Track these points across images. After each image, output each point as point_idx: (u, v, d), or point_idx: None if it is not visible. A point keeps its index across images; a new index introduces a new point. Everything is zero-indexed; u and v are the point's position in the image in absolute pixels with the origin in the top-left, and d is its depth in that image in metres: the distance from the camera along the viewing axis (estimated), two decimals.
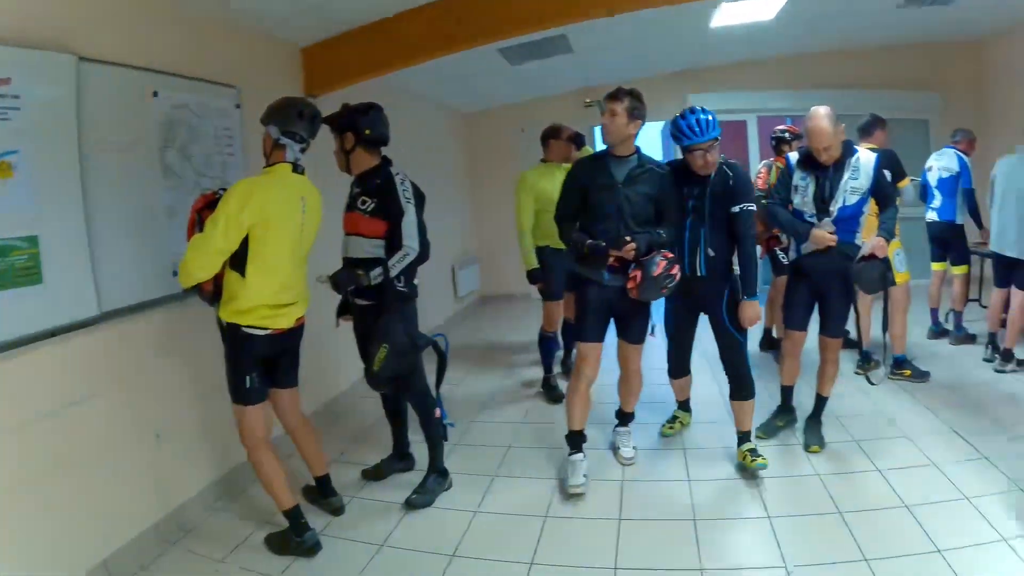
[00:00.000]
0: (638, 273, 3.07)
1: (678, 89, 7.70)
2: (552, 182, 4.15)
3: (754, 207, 3.31)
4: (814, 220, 3.41)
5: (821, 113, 3.27)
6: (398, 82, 5.31)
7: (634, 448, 3.60)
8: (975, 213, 5.33)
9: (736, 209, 3.21)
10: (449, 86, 6.40)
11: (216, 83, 3.38)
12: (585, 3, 3.68)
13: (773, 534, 2.80)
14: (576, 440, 3.32)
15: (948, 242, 5.39)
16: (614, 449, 3.63)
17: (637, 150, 3.24)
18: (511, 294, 8.17)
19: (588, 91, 7.58)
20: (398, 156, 5.19)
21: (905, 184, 4.52)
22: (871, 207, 3.56)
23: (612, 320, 3.35)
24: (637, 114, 3.16)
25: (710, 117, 3.14)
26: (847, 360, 4.87)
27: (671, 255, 3.13)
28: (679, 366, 3.71)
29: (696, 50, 6.84)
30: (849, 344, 4.89)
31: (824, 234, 3.33)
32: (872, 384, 3.64)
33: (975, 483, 3.12)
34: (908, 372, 4.55)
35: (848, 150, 3.37)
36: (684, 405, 3.94)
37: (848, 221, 3.41)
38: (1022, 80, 7.01)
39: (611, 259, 3.11)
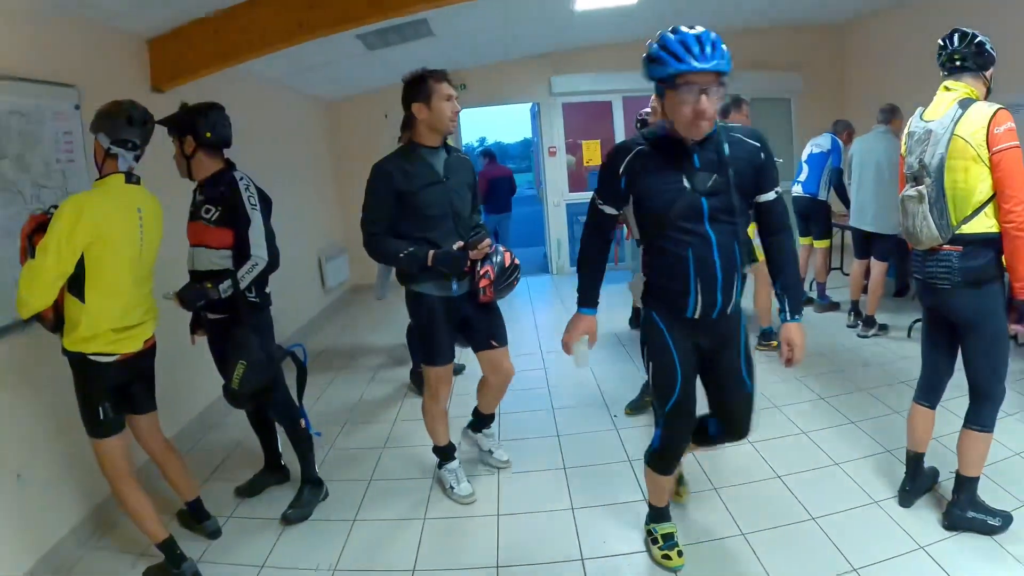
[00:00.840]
0: (490, 269, 2.83)
1: (543, 71, 7.81)
2: None
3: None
4: None
5: None
6: (255, 71, 5.05)
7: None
8: (841, 190, 5.65)
9: (772, 196, 2.22)
10: (307, 73, 6.13)
11: (52, 83, 3.07)
12: None
13: None
14: (447, 451, 3.17)
15: (811, 216, 5.71)
16: (487, 453, 3.47)
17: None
18: None
19: (453, 75, 7.55)
20: (258, 147, 4.96)
21: None
22: None
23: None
24: None
25: (713, 37, 1.95)
26: None
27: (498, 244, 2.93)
28: (678, 452, 2.44)
29: (561, 33, 6.86)
30: None
31: None
32: None
33: (844, 449, 3.32)
34: (775, 343, 4.76)
35: None
36: (662, 514, 2.63)
37: None
38: (880, 62, 7.50)
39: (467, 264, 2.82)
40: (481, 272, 2.84)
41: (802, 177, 5.68)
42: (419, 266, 2.76)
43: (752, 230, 4.32)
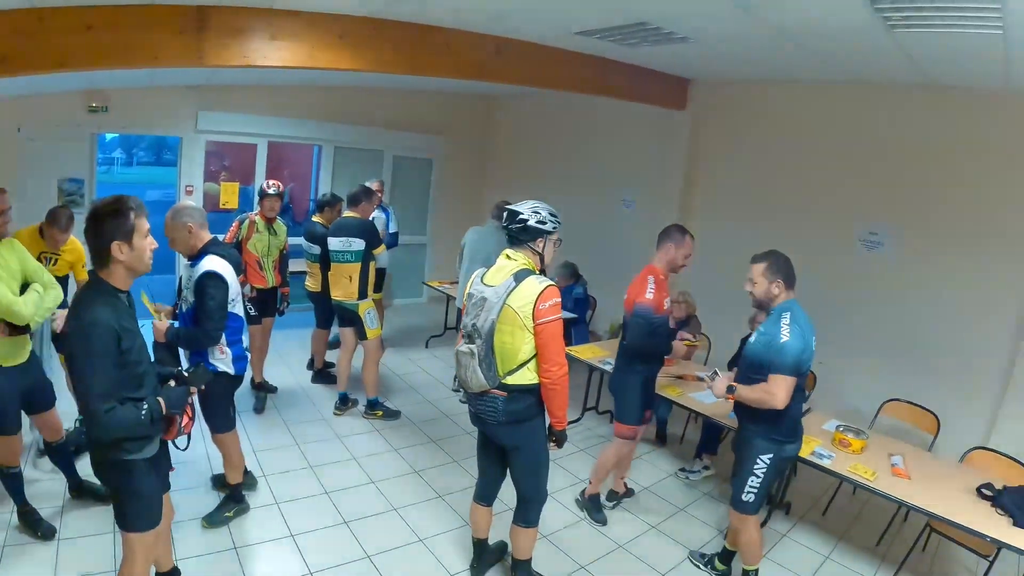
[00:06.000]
0: (189, 409, 2.48)
1: (190, 105, 7.15)
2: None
3: None
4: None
5: (176, 207, 3.20)
6: None
7: None
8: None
9: None
10: None
11: None
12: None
13: None
14: None
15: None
16: None
17: None
18: None
19: (93, 93, 6.63)
20: None
21: (381, 251, 5.07)
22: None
23: None
24: None
25: None
26: (328, 400, 5.33)
27: None
28: None
29: (208, 70, 6.38)
30: (330, 379, 5.60)
31: (157, 327, 3.23)
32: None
33: (430, 524, 3.70)
34: (380, 413, 5.14)
35: (199, 256, 3.26)
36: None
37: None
38: (518, 134, 8.73)
39: None
40: (188, 414, 2.49)
41: None
42: (156, 420, 2.24)
43: (363, 309, 4.68)
